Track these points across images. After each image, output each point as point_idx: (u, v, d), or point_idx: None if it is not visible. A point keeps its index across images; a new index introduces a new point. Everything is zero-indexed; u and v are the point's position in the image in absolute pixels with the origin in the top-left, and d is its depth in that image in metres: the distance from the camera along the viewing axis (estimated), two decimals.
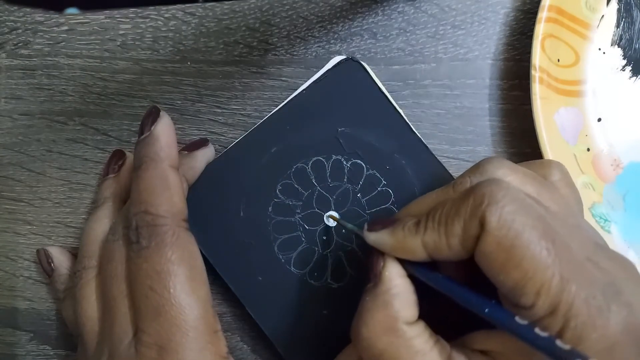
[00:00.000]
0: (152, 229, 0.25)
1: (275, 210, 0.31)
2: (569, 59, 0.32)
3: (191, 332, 0.25)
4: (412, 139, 0.31)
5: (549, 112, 0.30)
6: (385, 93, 0.31)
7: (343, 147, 0.31)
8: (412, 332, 0.23)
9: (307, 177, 0.31)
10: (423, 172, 0.31)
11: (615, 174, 0.32)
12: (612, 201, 0.31)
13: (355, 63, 0.32)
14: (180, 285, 0.25)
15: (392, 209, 0.31)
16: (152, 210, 0.26)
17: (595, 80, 0.32)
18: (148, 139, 0.27)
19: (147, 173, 0.26)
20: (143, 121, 0.28)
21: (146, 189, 0.26)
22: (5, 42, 0.33)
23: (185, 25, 0.33)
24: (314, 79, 0.32)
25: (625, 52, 0.32)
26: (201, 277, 0.26)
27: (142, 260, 0.25)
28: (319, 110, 0.31)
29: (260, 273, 0.31)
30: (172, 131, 0.28)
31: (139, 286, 0.25)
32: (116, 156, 0.32)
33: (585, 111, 0.32)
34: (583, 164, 0.31)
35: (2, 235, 0.33)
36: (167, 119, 0.28)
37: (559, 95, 0.31)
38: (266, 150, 0.31)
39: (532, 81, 0.30)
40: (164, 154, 0.27)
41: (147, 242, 0.25)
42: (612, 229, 0.31)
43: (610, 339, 0.20)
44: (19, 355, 0.33)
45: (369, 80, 0.32)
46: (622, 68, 0.32)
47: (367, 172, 0.31)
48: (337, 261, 0.31)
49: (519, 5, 0.33)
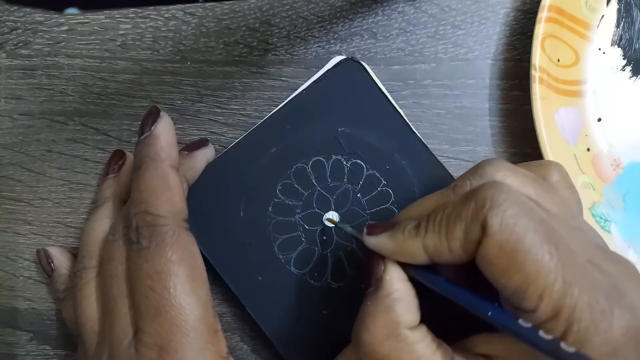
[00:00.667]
0: (152, 229, 0.25)
1: (275, 210, 0.31)
2: (569, 59, 0.32)
3: (191, 332, 0.24)
4: (412, 139, 0.31)
5: (549, 112, 0.30)
6: (385, 93, 0.31)
7: (343, 147, 0.31)
8: (414, 337, 0.23)
9: (307, 177, 0.31)
10: (423, 172, 0.31)
11: (615, 174, 0.32)
12: (612, 201, 0.31)
13: (355, 63, 0.32)
14: (181, 285, 0.25)
15: (392, 209, 0.31)
16: (152, 210, 0.26)
17: (595, 80, 0.32)
18: (148, 139, 0.27)
19: (148, 173, 0.26)
20: (143, 121, 0.28)
21: (146, 189, 0.26)
22: (5, 42, 0.33)
23: (185, 25, 0.33)
24: (314, 79, 0.32)
25: (625, 52, 0.32)
26: (201, 277, 0.26)
27: (142, 260, 0.25)
28: (319, 110, 0.31)
29: (260, 273, 0.31)
30: (172, 131, 0.28)
31: (139, 286, 0.25)
32: (116, 156, 0.31)
33: (585, 111, 0.32)
34: (583, 164, 0.31)
35: (2, 235, 0.33)
36: (167, 119, 0.28)
37: (559, 95, 0.31)
38: (266, 150, 0.31)
39: (532, 81, 0.30)
40: (164, 154, 0.27)
41: (148, 242, 0.25)
42: (612, 229, 0.31)
43: (614, 343, 0.20)
44: (19, 355, 0.33)
45: (369, 80, 0.32)
46: (622, 68, 0.32)
47: (367, 172, 0.31)
48: (337, 261, 0.31)
49: (519, 5, 0.33)
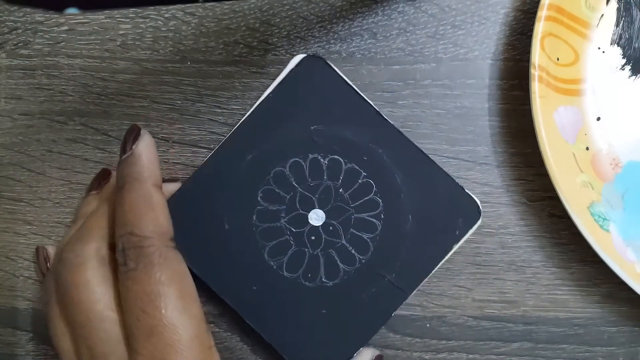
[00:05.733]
0: (138, 250, 0.25)
1: (260, 218, 0.31)
2: (568, 57, 0.32)
3: (186, 352, 0.24)
4: (385, 126, 0.31)
5: (548, 111, 0.30)
6: (352, 85, 0.31)
7: (318, 144, 0.31)
8: None
9: (287, 180, 0.31)
10: (400, 157, 0.31)
11: (614, 173, 0.32)
12: (611, 200, 0.31)
13: (317, 59, 0.31)
14: (172, 305, 0.25)
15: (376, 199, 0.31)
16: (137, 231, 0.25)
17: (594, 79, 0.32)
18: (130, 159, 0.27)
19: (131, 194, 0.26)
20: (124, 140, 0.27)
21: (131, 210, 0.26)
22: (5, 42, 0.33)
23: (185, 25, 0.33)
24: (278, 82, 0.31)
25: (624, 51, 0.32)
26: (192, 295, 0.26)
27: (131, 282, 0.25)
28: (288, 111, 0.31)
29: (254, 283, 0.31)
30: (154, 149, 0.28)
31: (130, 308, 0.25)
32: (101, 175, 0.32)
33: (584, 110, 0.32)
34: (582, 162, 0.31)
35: (2, 235, 0.33)
36: (148, 137, 0.28)
37: (558, 94, 0.31)
38: (242, 160, 0.31)
39: (531, 80, 0.30)
40: (146, 173, 0.27)
41: (135, 264, 0.25)
42: (610, 228, 0.31)
43: None
44: (19, 355, 0.33)
45: (334, 75, 0.31)
46: (622, 67, 0.32)
47: (346, 166, 0.31)
48: (329, 259, 0.31)
49: (519, 5, 0.33)
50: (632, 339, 0.33)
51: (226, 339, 0.32)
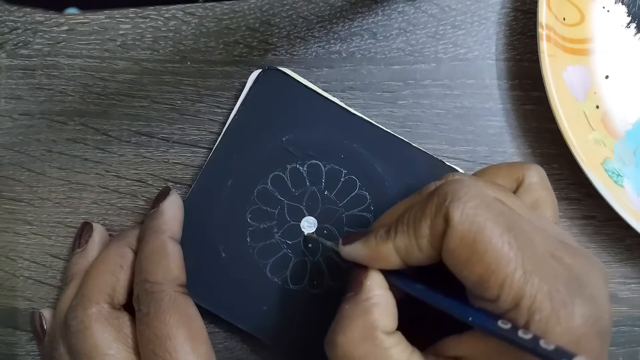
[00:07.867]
0: (150, 295, 0.27)
1: (254, 238, 0.31)
2: (574, 17, 0.32)
3: None
4: (354, 120, 0.31)
5: (557, 70, 0.31)
6: (314, 88, 0.32)
7: (293, 154, 0.31)
8: (389, 342, 0.23)
9: (271, 195, 0.31)
10: (376, 146, 0.31)
11: (625, 130, 0.32)
12: (623, 157, 0.32)
13: (274, 71, 0.32)
14: (180, 346, 0.26)
15: (362, 193, 0.31)
16: (150, 278, 0.27)
17: (601, 39, 0.32)
18: (154, 213, 0.29)
19: (148, 245, 0.28)
20: (155, 199, 0.30)
21: (146, 259, 0.28)
22: (5, 42, 0.33)
23: (185, 25, 0.33)
24: (241, 101, 0.31)
25: (629, 9, 0.33)
26: (201, 336, 0.27)
27: (144, 326, 0.27)
28: (256, 128, 0.31)
29: (263, 303, 0.31)
30: (178, 207, 0.30)
31: (144, 351, 0.27)
32: (83, 230, 0.32)
33: (592, 69, 0.32)
34: (593, 120, 0.32)
35: (2, 235, 0.33)
36: (175, 196, 0.30)
37: (566, 53, 0.31)
38: (223, 187, 0.31)
39: (539, 39, 0.30)
40: (165, 226, 0.29)
41: (147, 309, 0.27)
42: (624, 184, 0.31)
43: (576, 332, 0.20)
44: (19, 355, 0.33)
45: (294, 82, 0.32)
46: (627, 25, 0.33)
47: (325, 168, 0.31)
48: (331, 262, 0.31)
49: (519, 5, 0.33)
50: (632, 339, 0.33)
51: (226, 339, 0.32)
